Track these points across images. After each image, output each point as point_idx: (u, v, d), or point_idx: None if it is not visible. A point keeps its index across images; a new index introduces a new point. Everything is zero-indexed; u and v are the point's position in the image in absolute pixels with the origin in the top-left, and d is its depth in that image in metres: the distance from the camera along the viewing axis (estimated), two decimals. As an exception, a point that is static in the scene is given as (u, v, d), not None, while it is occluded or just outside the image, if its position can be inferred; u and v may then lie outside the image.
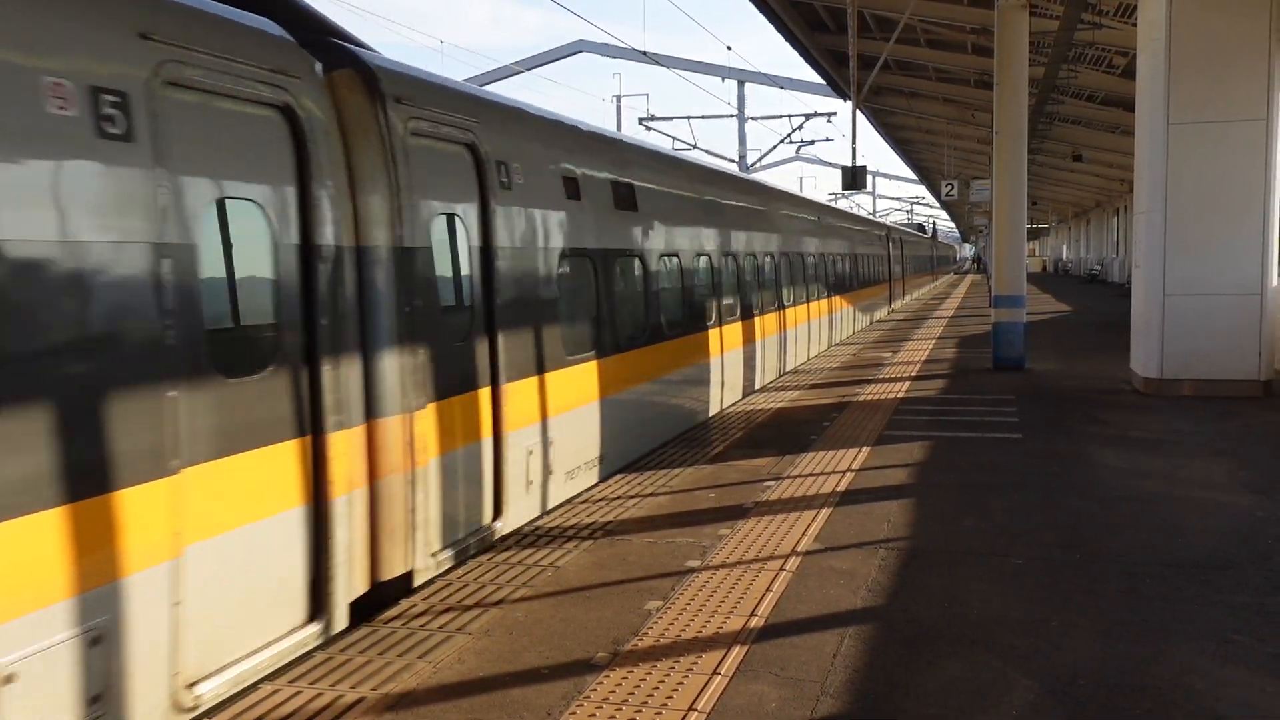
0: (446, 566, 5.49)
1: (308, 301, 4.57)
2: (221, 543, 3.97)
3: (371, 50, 5.52)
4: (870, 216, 23.92)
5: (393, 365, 5.09)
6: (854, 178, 20.37)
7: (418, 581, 5.23)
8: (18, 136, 3.22)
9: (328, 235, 4.69)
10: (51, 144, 3.33)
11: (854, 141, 19.52)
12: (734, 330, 11.75)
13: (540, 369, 6.65)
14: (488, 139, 6.10)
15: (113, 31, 3.64)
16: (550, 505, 6.83)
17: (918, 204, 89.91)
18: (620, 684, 3.98)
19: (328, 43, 5.16)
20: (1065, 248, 66.01)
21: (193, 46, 3.94)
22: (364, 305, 4.99)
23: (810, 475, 7.55)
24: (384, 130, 5.15)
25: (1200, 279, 10.88)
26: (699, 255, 10.54)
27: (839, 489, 7.09)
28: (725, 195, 11.97)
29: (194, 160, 3.93)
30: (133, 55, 3.67)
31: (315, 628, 4.51)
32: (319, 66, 4.83)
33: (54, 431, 3.29)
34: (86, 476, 3.39)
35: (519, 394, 6.36)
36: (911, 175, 62.08)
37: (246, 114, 4.28)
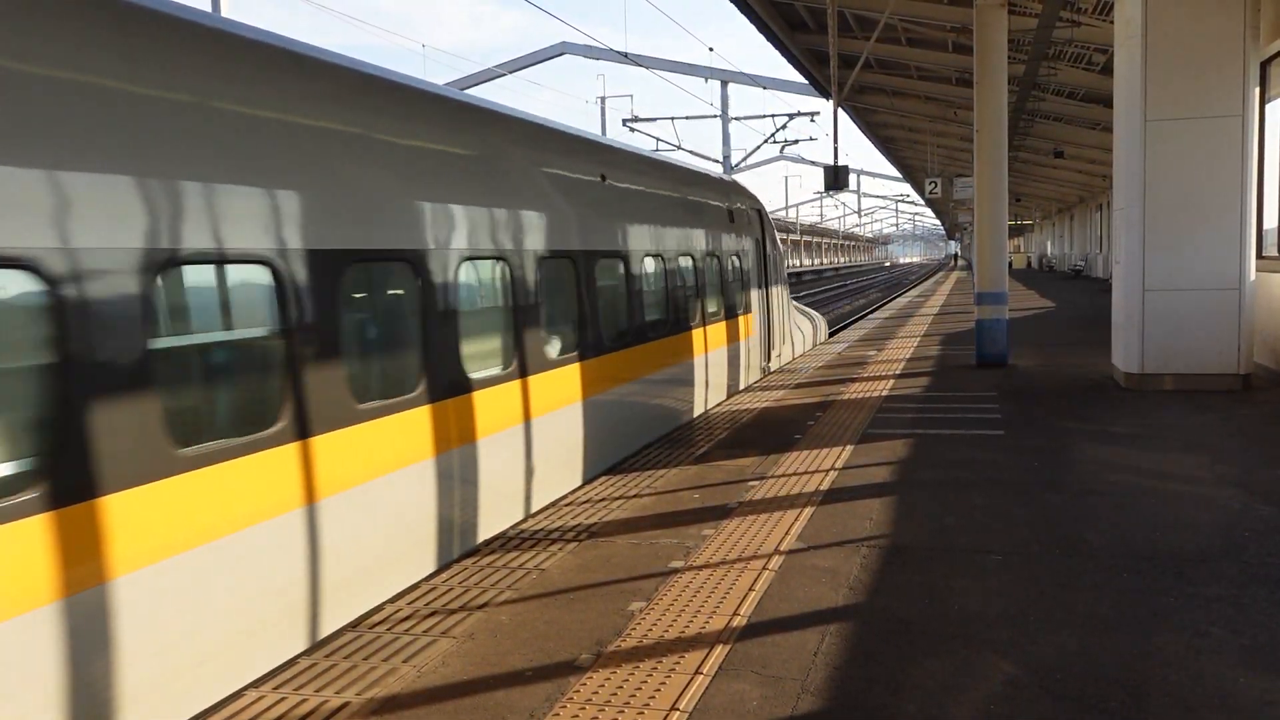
0: None
1: None
2: None
3: None
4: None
5: None
6: (836, 177, 20.46)
7: None
8: None
9: None
10: None
11: (835, 140, 19.63)
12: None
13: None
14: None
15: None
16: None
17: (903, 202, 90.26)
18: (603, 685, 4.01)
19: None
20: (1050, 244, 66.29)
21: None
22: None
23: (793, 474, 7.59)
24: None
25: (1179, 274, 10.98)
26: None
27: (822, 487, 7.13)
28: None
29: None
30: None
31: None
32: None
33: None
34: None
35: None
36: (896, 174, 62.29)
37: None
